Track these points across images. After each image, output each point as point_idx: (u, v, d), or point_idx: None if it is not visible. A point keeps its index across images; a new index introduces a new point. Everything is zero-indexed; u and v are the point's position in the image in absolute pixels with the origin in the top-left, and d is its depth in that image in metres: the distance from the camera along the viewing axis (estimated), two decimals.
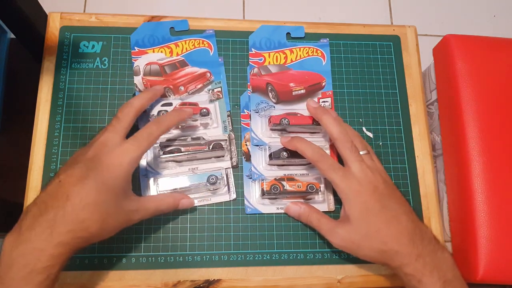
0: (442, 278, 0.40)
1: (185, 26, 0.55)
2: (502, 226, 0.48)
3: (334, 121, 0.47)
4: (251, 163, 0.50)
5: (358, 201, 0.43)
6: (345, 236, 0.44)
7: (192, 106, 0.51)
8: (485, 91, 0.52)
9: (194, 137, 0.49)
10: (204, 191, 0.49)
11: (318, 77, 0.54)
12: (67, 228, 0.36)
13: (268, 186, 0.48)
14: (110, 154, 0.40)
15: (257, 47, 0.55)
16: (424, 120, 0.54)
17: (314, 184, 0.49)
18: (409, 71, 0.56)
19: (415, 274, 0.40)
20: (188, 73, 0.53)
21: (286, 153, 0.49)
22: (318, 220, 0.46)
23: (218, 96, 0.53)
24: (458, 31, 0.62)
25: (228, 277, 0.47)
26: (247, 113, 0.52)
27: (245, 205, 0.49)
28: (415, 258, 0.41)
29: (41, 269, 0.35)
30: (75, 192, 0.37)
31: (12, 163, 0.59)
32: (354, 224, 0.43)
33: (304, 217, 0.47)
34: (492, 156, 0.50)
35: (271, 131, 0.51)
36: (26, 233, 0.36)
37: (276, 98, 0.53)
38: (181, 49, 0.54)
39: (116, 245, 0.47)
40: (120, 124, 0.43)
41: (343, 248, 0.44)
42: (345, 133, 0.46)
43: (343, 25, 0.58)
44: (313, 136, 0.52)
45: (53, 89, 0.51)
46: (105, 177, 0.39)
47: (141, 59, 0.53)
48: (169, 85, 0.52)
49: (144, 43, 0.54)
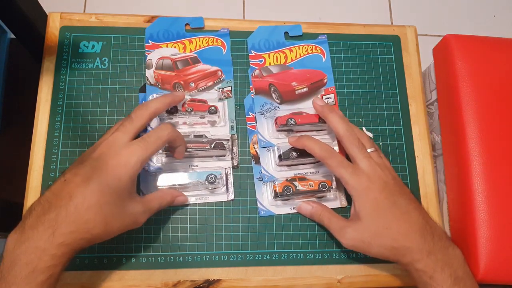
0: (453, 275, 0.40)
1: (201, 23, 0.55)
2: (502, 226, 0.48)
3: (340, 119, 0.47)
4: (261, 165, 0.50)
5: (368, 198, 0.43)
6: (355, 236, 0.43)
7: (201, 103, 0.51)
8: (485, 91, 0.52)
9: (197, 135, 0.49)
10: (203, 189, 0.48)
11: (320, 74, 0.54)
12: (69, 228, 0.36)
13: (280, 187, 0.48)
14: (116, 155, 0.40)
15: (256, 49, 0.55)
16: (424, 120, 0.54)
17: (326, 182, 0.49)
18: (409, 71, 0.56)
19: (426, 270, 0.40)
20: (200, 70, 0.53)
21: (296, 153, 0.49)
22: (329, 219, 0.46)
23: (228, 95, 0.53)
24: (458, 31, 0.62)
25: (228, 277, 0.47)
26: (252, 115, 0.52)
27: (258, 207, 0.49)
28: (426, 254, 0.41)
29: (43, 268, 0.35)
30: (79, 192, 0.37)
31: (12, 163, 0.59)
32: (364, 222, 0.43)
33: (316, 216, 0.47)
34: (492, 156, 0.50)
35: (278, 132, 0.51)
36: (29, 231, 0.36)
37: (279, 99, 0.53)
38: (194, 46, 0.54)
39: (116, 245, 0.47)
40: (132, 125, 0.42)
41: (353, 248, 0.44)
42: (351, 131, 0.46)
43: (343, 25, 0.58)
44: (319, 133, 0.52)
45: (53, 89, 0.51)
46: (109, 178, 0.38)
47: (154, 53, 0.53)
48: (180, 81, 0.52)
49: (159, 37, 0.54)
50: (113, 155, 0.40)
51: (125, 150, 0.40)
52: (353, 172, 0.44)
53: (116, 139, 0.41)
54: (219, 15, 0.57)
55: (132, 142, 0.41)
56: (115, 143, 0.40)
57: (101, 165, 0.39)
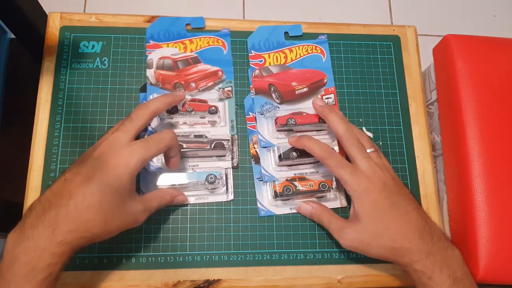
0: (452, 276, 0.40)
1: (201, 23, 0.55)
2: (502, 226, 0.48)
3: (340, 120, 0.47)
4: (261, 165, 0.50)
5: (368, 198, 0.43)
6: (354, 236, 0.43)
7: (201, 103, 0.51)
8: (485, 91, 0.52)
9: (197, 135, 0.49)
10: (202, 189, 0.48)
11: (320, 74, 0.54)
12: (69, 227, 0.36)
13: (280, 187, 0.48)
14: (117, 154, 0.40)
15: (256, 49, 0.55)
16: (424, 120, 0.54)
17: (326, 182, 0.49)
18: (409, 71, 0.56)
19: (425, 271, 0.41)
20: (200, 70, 0.53)
21: (296, 153, 0.49)
22: (328, 219, 0.46)
23: (228, 95, 0.53)
24: (458, 31, 0.62)
25: (228, 277, 0.47)
26: (252, 115, 0.52)
27: (258, 207, 0.49)
28: (425, 255, 0.41)
29: (43, 267, 0.35)
30: (79, 192, 0.37)
31: (12, 163, 0.59)
32: (363, 222, 0.43)
33: (316, 216, 0.47)
34: (492, 156, 0.50)
35: (278, 132, 0.51)
36: (28, 230, 0.36)
37: (279, 99, 0.53)
38: (195, 46, 0.54)
39: (116, 245, 0.47)
40: (132, 124, 0.42)
41: (352, 248, 0.44)
42: (351, 131, 0.46)
43: (343, 25, 0.58)
44: (319, 134, 0.52)
45: (53, 89, 0.51)
46: (110, 178, 0.38)
47: (155, 53, 0.53)
48: (181, 81, 0.52)
49: (160, 37, 0.54)
50: (114, 154, 0.40)
51: (125, 150, 0.40)
52: (352, 172, 0.44)
53: (116, 139, 0.41)
54: (219, 15, 0.57)
55: (133, 142, 0.41)
56: (115, 143, 0.40)
57: (101, 164, 0.39)
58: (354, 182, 0.43)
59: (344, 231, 0.44)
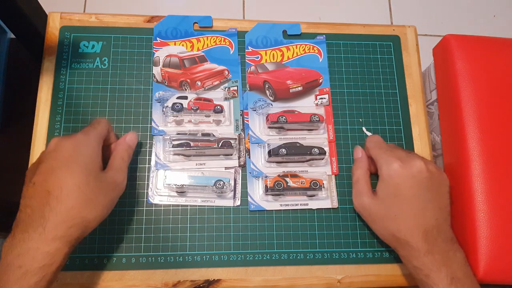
0: (450, 275, 0.40)
1: (209, 22, 0.55)
2: (502, 226, 0.48)
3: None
4: (250, 160, 0.50)
5: (391, 182, 0.44)
6: (366, 206, 0.45)
7: (206, 102, 0.51)
8: (485, 91, 0.52)
9: (205, 133, 0.50)
10: (210, 192, 0.49)
11: (315, 74, 0.54)
12: (58, 219, 0.36)
13: (271, 182, 0.48)
14: (67, 142, 0.40)
15: (253, 45, 0.55)
16: (424, 120, 0.54)
17: (317, 180, 0.49)
18: (409, 71, 0.56)
19: (422, 268, 0.41)
20: (207, 69, 0.53)
21: (285, 149, 0.49)
22: (357, 178, 0.47)
23: (234, 94, 0.53)
24: (458, 31, 0.62)
25: (228, 277, 0.47)
26: (246, 112, 0.52)
27: (249, 202, 0.49)
28: (423, 253, 0.41)
29: (36, 269, 0.35)
30: (54, 186, 0.37)
31: (12, 163, 0.59)
32: (379, 201, 0.44)
33: (354, 166, 0.49)
34: (492, 156, 0.50)
35: (269, 129, 0.51)
36: (19, 236, 0.36)
37: (273, 96, 0.53)
38: (202, 45, 0.54)
39: (116, 245, 0.47)
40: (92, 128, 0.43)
41: (358, 212, 0.47)
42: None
43: (342, 25, 0.58)
44: (311, 133, 0.52)
45: (53, 89, 0.51)
46: (72, 159, 0.39)
47: (162, 50, 0.54)
48: (187, 79, 0.52)
49: (167, 35, 0.54)
50: (65, 143, 0.40)
51: (77, 136, 0.41)
52: (389, 153, 0.45)
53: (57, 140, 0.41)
54: (219, 15, 0.57)
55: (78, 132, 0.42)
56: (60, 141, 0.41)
57: (58, 155, 0.39)
58: (387, 160, 0.45)
59: (361, 196, 0.46)
